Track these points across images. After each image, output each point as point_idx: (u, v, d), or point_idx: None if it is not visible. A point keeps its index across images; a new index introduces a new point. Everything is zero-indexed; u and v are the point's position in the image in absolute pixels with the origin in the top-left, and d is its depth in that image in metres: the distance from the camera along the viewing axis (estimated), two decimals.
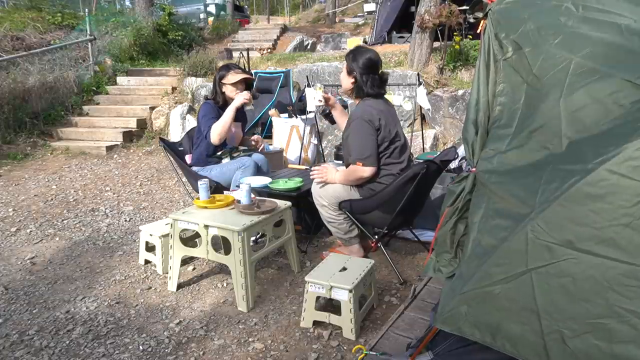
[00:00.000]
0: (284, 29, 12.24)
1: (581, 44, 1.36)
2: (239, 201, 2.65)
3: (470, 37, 6.70)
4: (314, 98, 3.03)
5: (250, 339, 2.22)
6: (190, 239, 2.89)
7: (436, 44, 6.36)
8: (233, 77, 3.35)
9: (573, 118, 1.29)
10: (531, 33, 1.48)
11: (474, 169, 1.61)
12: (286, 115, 5.44)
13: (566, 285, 1.20)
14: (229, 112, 3.24)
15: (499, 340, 1.33)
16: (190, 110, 6.68)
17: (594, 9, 1.40)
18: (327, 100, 3.05)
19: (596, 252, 1.15)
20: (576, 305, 1.19)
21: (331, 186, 2.78)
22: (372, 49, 2.84)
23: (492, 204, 1.43)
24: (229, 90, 3.37)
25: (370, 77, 2.71)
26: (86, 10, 8.61)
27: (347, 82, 2.79)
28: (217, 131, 3.22)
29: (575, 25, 1.40)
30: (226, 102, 3.38)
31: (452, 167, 3.49)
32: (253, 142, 3.68)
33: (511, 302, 1.28)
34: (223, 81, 3.37)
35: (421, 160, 2.67)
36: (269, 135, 5.58)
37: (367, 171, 2.64)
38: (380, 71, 2.78)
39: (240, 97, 3.28)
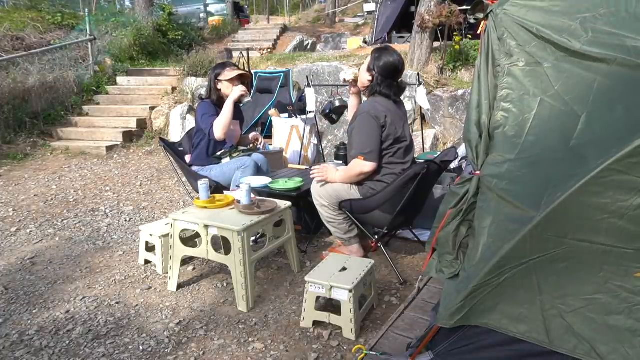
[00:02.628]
0: (284, 29, 12.23)
1: (600, 64, 1.39)
2: (239, 201, 2.64)
3: (470, 37, 6.70)
4: (344, 73, 2.96)
5: (250, 339, 2.22)
6: (190, 239, 2.89)
7: (436, 44, 6.36)
8: (229, 73, 3.38)
9: (587, 129, 1.33)
10: (548, 48, 1.50)
11: (478, 172, 1.61)
12: (286, 115, 5.44)
13: (564, 268, 1.31)
14: (228, 106, 3.26)
15: (499, 321, 1.41)
16: (190, 110, 6.68)
17: (603, 32, 1.41)
18: (354, 82, 2.92)
19: (593, 240, 1.25)
20: (573, 284, 1.31)
21: (331, 186, 2.78)
22: (399, 53, 2.74)
23: (502, 209, 1.46)
24: (224, 87, 3.38)
25: (387, 82, 2.69)
26: (86, 10, 8.61)
27: (364, 77, 2.77)
28: (221, 125, 3.24)
29: (585, 46, 1.42)
30: (222, 99, 3.39)
31: (452, 167, 3.49)
32: (251, 138, 3.66)
33: (511, 287, 1.38)
34: (219, 78, 3.39)
35: (422, 161, 2.67)
36: (269, 135, 5.58)
37: (367, 166, 2.63)
38: (400, 79, 2.74)
39: (237, 90, 3.30)
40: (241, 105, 3.42)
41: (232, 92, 3.31)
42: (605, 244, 1.24)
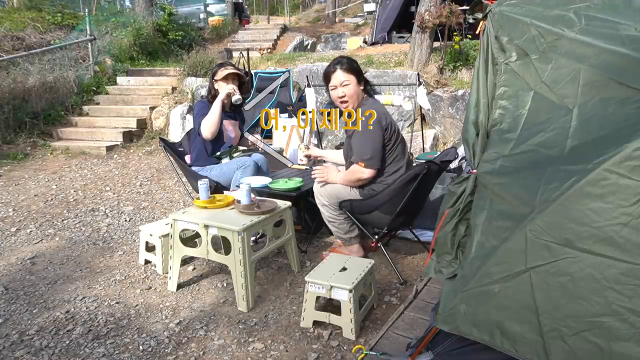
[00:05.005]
0: (284, 29, 12.23)
1: (587, 53, 1.37)
2: (239, 201, 2.64)
3: (470, 37, 6.70)
4: (300, 160, 3.24)
5: (250, 339, 2.22)
6: (190, 239, 2.89)
7: (436, 44, 6.36)
8: (222, 72, 3.39)
9: (582, 126, 1.30)
10: (537, 39, 1.48)
11: (474, 171, 1.61)
12: (286, 115, 5.44)
13: (565, 284, 1.21)
14: (216, 105, 3.27)
15: (498, 338, 1.33)
16: (190, 110, 6.68)
17: (596, 19, 1.40)
18: (308, 157, 3.15)
19: (595, 251, 1.16)
20: (575, 303, 1.20)
21: (332, 186, 2.78)
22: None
23: (495, 206, 1.44)
24: (220, 87, 3.39)
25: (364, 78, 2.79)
26: (86, 10, 8.62)
27: (355, 91, 2.70)
28: (207, 125, 3.24)
29: (578, 35, 1.41)
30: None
31: (452, 167, 3.49)
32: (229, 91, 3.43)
33: (510, 300, 1.30)
34: (215, 77, 3.41)
35: (422, 161, 2.67)
36: (269, 136, 5.58)
37: (366, 173, 2.62)
38: None
39: (224, 89, 3.32)
40: (233, 102, 3.40)
41: (221, 91, 3.33)
42: (608, 255, 1.14)
